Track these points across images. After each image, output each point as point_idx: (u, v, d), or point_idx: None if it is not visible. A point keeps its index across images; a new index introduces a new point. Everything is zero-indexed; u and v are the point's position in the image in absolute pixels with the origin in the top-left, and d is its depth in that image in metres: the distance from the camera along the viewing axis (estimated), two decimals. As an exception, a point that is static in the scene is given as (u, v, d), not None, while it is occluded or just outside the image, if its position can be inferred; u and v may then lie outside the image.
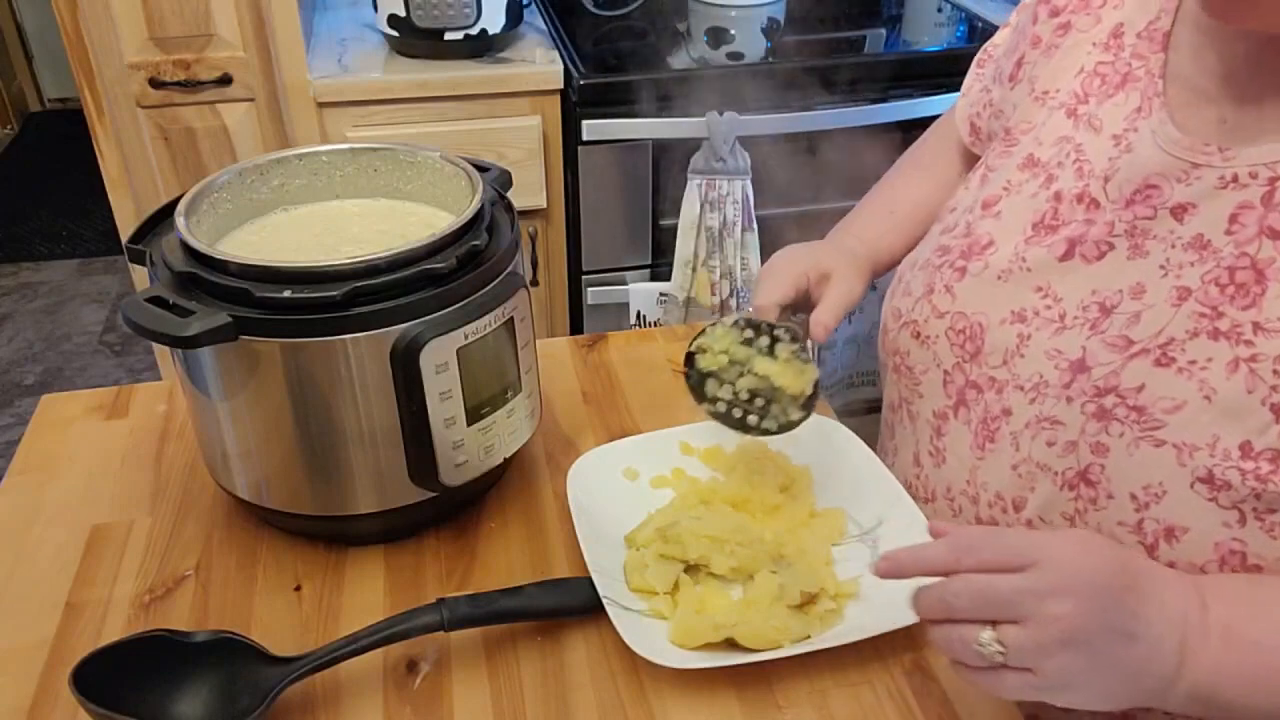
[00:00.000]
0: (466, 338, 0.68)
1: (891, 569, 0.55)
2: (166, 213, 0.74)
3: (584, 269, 1.85)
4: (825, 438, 0.82)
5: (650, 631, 0.67)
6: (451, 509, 0.79)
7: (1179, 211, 0.62)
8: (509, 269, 0.72)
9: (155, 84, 1.68)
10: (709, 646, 0.66)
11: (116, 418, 0.90)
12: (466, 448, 0.72)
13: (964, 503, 0.75)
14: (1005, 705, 0.65)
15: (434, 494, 0.73)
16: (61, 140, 3.78)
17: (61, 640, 0.70)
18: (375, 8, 1.71)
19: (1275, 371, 0.57)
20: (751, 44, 1.90)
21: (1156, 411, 0.61)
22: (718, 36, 1.90)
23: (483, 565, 0.75)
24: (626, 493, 0.79)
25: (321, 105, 1.68)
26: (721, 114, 1.68)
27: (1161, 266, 0.63)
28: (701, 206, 1.73)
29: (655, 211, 1.81)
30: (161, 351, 1.95)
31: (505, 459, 0.76)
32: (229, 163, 1.51)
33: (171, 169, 1.76)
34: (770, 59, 1.84)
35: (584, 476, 0.78)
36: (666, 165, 1.76)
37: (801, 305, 0.81)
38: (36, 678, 0.67)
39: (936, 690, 0.66)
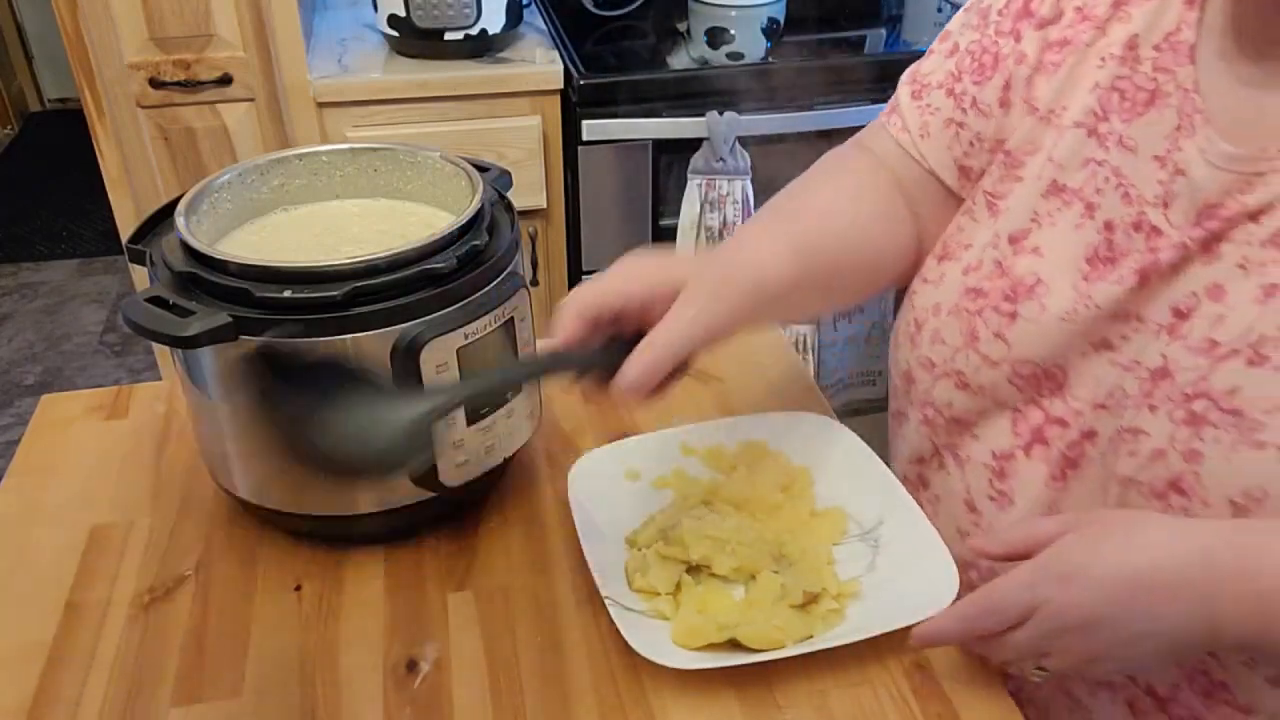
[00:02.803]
0: (466, 338, 0.68)
1: (923, 643, 0.64)
2: (166, 213, 0.74)
3: (584, 269, 1.85)
4: (825, 437, 0.82)
5: (652, 631, 0.67)
6: (451, 509, 0.79)
7: (1256, 214, 0.60)
8: (509, 269, 0.72)
9: (155, 84, 1.68)
10: (711, 647, 0.66)
11: (116, 418, 0.90)
12: (466, 448, 0.72)
13: None
14: (1005, 704, 0.65)
15: (434, 494, 0.73)
16: (61, 140, 3.78)
17: (61, 640, 0.70)
18: (375, 8, 1.71)
19: None
20: (751, 44, 1.90)
21: (1255, 413, 0.58)
22: (718, 36, 1.90)
23: (483, 565, 0.75)
24: (628, 493, 0.79)
25: (321, 105, 1.68)
26: (721, 114, 1.68)
27: (1240, 266, 0.60)
28: (701, 206, 1.73)
29: (655, 211, 1.81)
30: (161, 351, 1.95)
31: (505, 459, 0.76)
32: (229, 163, 1.51)
33: (171, 169, 1.76)
34: (770, 59, 1.84)
35: (585, 478, 0.77)
36: (666, 165, 1.76)
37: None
38: (36, 678, 0.67)
39: (936, 690, 0.66)
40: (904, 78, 0.82)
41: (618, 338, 0.64)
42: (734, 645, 0.66)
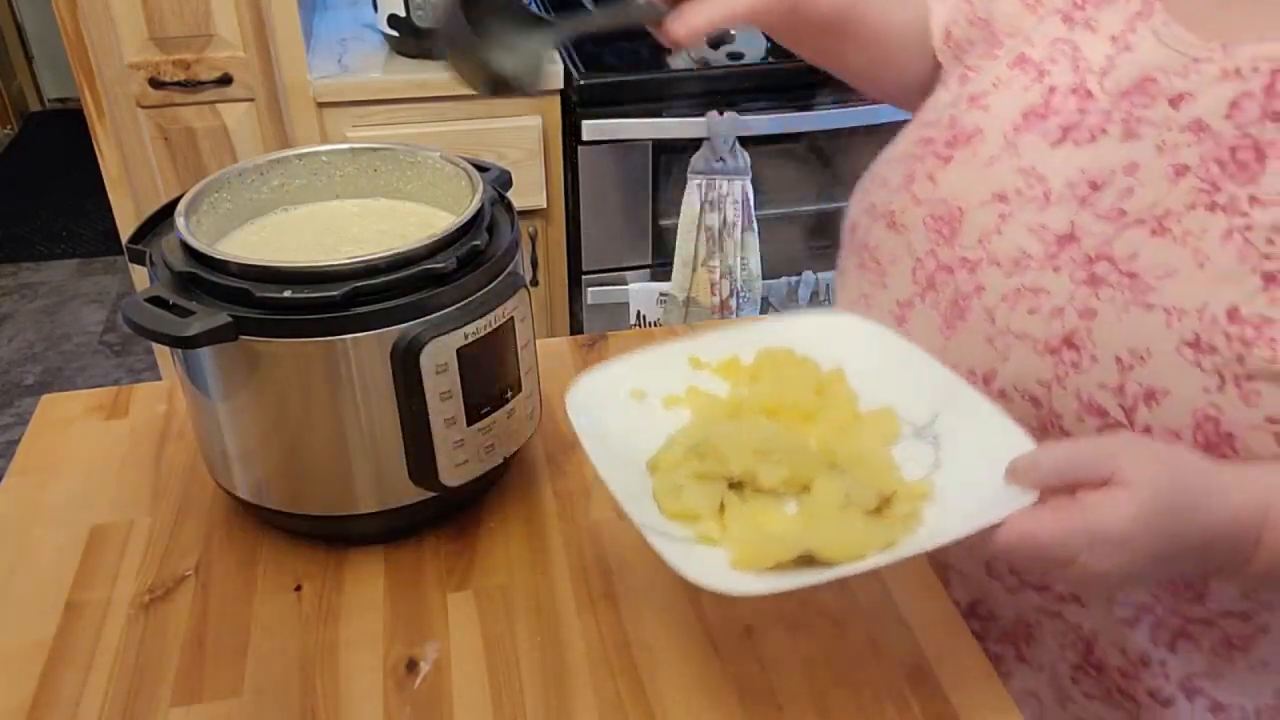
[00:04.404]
0: (466, 338, 0.68)
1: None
2: (166, 213, 0.74)
3: (584, 269, 1.85)
4: (856, 336, 0.72)
5: (705, 560, 0.58)
6: (451, 509, 0.79)
7: (1176, 100, 0.65)
8: (509, 269, 0.72)
9: (155, 84, 1.69)
10: (779, 568, 0.56)
11: (116, 418, 0.90)
12: (466, 448, 0.72)
13: None
14: (1006, 705, 0.65)
15: (434, 494, 0.73)
16: (61, 140, 3.79)
17: (61, 640, 0.70)
18: (375, 8, 1.72)
19: (1269, 240, 0.60)
20: (751, 44, 1.90)
21: (1149, 278, 0.63)
22: (718, 36, 1.90)
23: (483, 565, 0.75)
24: (637, 416, 0.68)
25: (321, 105, 1.69)
26: (721, 114, 1.68)
27: (1157, 147, 0.65)
28: (701, 206, 1.73)
29: (655, 211, 1.82)
30: (161, 351, 1.95)
31: (505, 459, 0.76)
32: (229, 163, 1.51)
33: (171, 169, 1.76)
34: (770, 59, 1.84)
35: (585, 404, 0.66)
36: (666, 165, 1.76)
37: None
38: (36, 678, 0.67)
39: (937, 690, 0.66)
40: None
41: None
42: (804, 564, 0.57)
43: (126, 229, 1.77)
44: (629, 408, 0.68)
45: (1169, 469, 0.55)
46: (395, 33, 1.70)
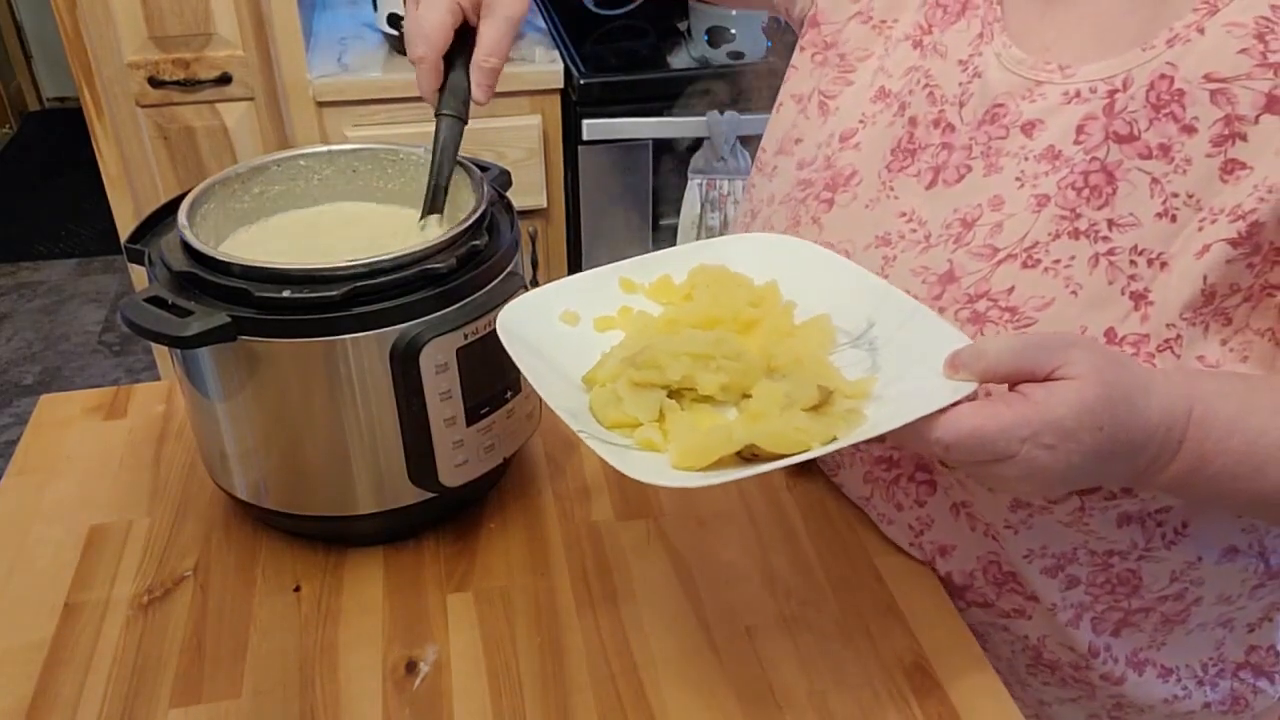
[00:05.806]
0: (466, 338, 0.68)
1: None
2: (165, 213, 0.74)
3: (584, 269, 1.85)
4: (784, 252, 0.72)
5: (647, 461, 0.57)
6: (451, 509, 0.78)
7: (1028, 128, 0.67)
8: (509, 269, 0.72)
9: (154, 83, 1.69)
10: (722, 464, 0.56)
11: (115, 418, 0.90)
12: (466, 448, 0.72)
13: None
14: (1006, 704, 0.65)
15: (434, 494, 0.73)
16: (60, 140, 3.78)
17: (60, 641, 0.69)
18: (375, 7, 1.71)
19: (1132, 262, 0.62)
20: (752, 43, 1.90)
21: (1028, 310, 0.64)
22: (718, 36, 1.90)
23: (483, 566, 0.75)
24: (570, 338, 0.66)
25: (321, 105, 1.69)
26: (722, 114, 1.68)
27: (1017, 179, 0.67)
28: (702, 206, 1.73)
29: (655, 211, 1.82)
30: (160, 351, 1.95)
31: (505, 459, 0.76)
32: (229, 162, 1.51)
33: (171, 168, 1.76)
34: (771, 58, 1.84)
35: (516, 327, 0.64)
36: (666, 165, 1.76)
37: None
38: (35, 678, 0.67)
39: (936, 690, 0.66)
40: None
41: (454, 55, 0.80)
42: (747, 461, 0.56)
43: (125, 228, 1.77)
44: (561, 330, 0.67)
45: (1114, 365, 0.55)
46: (395, 32, 1.70)
